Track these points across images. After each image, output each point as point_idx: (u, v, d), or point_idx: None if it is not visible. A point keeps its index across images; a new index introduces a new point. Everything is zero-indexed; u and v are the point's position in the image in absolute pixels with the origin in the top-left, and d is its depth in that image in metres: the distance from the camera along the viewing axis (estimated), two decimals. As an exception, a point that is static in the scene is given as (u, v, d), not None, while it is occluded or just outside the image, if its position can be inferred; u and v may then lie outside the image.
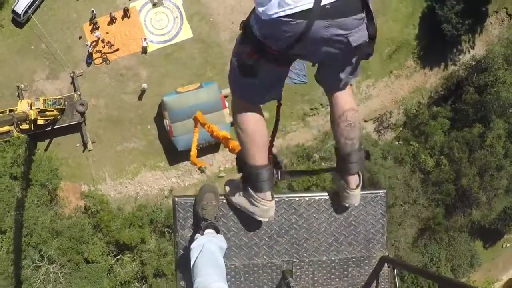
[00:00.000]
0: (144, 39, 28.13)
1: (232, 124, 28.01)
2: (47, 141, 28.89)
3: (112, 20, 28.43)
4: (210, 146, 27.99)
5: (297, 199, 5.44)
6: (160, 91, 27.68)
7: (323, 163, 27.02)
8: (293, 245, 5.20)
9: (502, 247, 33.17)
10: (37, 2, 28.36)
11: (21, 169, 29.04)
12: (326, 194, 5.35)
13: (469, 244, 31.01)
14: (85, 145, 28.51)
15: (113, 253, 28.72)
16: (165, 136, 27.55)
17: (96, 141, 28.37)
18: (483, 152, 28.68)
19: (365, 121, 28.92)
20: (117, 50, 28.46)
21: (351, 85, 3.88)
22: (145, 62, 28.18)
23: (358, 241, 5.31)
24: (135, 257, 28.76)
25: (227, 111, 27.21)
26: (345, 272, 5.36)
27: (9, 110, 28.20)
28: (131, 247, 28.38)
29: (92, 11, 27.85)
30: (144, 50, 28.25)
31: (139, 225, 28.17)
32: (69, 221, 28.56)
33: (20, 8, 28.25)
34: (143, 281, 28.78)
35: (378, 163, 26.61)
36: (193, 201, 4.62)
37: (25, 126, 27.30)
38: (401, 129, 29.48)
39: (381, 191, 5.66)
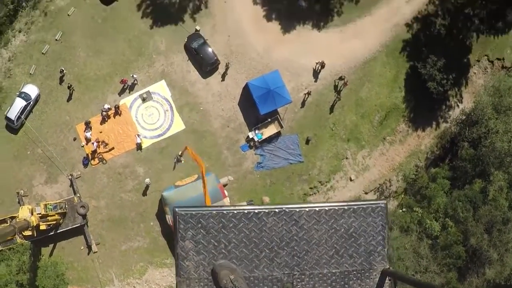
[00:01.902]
0: (138, 135, 28.48)
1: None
2: (51, 246, 28.72)
3: (104, 119, 28.85)
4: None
5: (297, 210, 5.38)
6: (158, 186, 27.80)
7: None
8: (293, 258, 5.13)
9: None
10: (28, 108, 28.79)
11: (27, 276, 28.68)
12: (327, 204, 5.30)
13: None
14: (89, 248, 28.36)
15: None
16: (168, 232, 27.45)
17: (100, 243, 28.23)
18: (487, 207, 28.50)
19: (366, 193, 28.95)
20: (112, 148, 28.73)
21: (346, 158, 3.86)
22: (141, 159, 28.42)
23: (359, 253, 5.19)
24: None
25: (227, 200, 27.24)
26: (346, 286, 5.19)
27: (10, 217, 28.18)
28: None
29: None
30: (139, 147, 28.54)
31: (152, 324, 27.68)
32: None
33: (13, 114, 28.63)
34: None
35: (384, 234, 26.37)
36: (196, 217, 4.48)
37: (28, 233, 27.13)
38: (402, 196, 29.47)
39: (381, 201, 5.58)
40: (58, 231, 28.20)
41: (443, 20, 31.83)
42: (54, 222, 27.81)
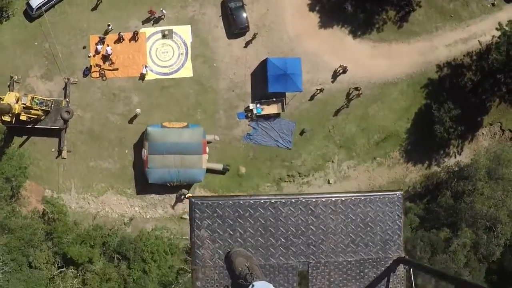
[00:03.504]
0: (145, 66, 28.31)
1: (207, 170, 28.09)
2: (24, 137, 28.68)
3: (119, 40, 28.63)
4: (180, 186, 27.93)
5: (313, 199, 5.50)
6: (146, 120, 27.72)
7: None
8: (309, 246, 5.31)
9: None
10: (52, 2, 28.56)
11: (-9, 158, 28.78)
12: (343, 195, 5.35)
13: None
14: (60, 152, 28.32)
15: (58, 264, 28.18)
16: (139, 165, 27.46)
17: (71, 151, 28.19)
18: (445, 256, 28.65)
19: (337, 201, 29.03)
20: (116, 69, 28.57)
21: (332, 161, 3.95)
22: (140, 89, 28.29)
23: (375, 242, 5.30)
24: (78, 274, 28.21)
25: (206, 156, 27.26)
26: (361, 273, 5.37)
27: (-5, 96, 28.12)
28: (77, 263, 27.88)
29: (109, 25, 27.96)
30: (142, 77, 28.40)
31: (91, 245, 27.74)
32: (24, 222, 28.06)
33: (35, 3, 28.40)
34: (80, 300, 28.21)
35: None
36: (212, 206, 4.57)
37: (6, 118, 27.08)
38: (370, 217, 29.56)
39: (398, 192, 5.66)
40: (36, 126, 28.16)
41: (473, 75, 31.68)
42: (36, 116, 27.75)
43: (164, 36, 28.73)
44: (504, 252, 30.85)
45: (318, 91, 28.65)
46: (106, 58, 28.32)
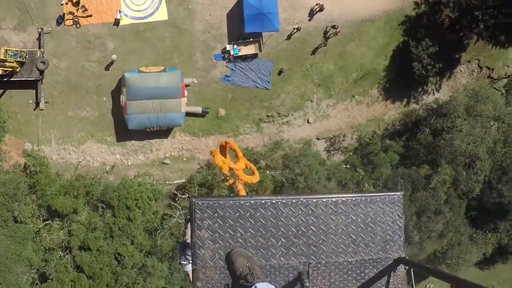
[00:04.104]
0: (119, 11, 27.85)
1: (187, 114, 28.04)
2: (0, 91, 28.31)
3: (91, -14, 28.11)
4: (160, 131, 27.91)
5: (314, 200, 5.43)
6: (123, 66, 27.44)
7: (268, 172, 27.15)
8: (310, 247, 5.21)
9: (425, 287, 33.88)
10: (20, -49, 27.88)
11: (-33, 114, 28.40)
12: (344, 195, 5.42)
13: (396, 278, 31.53)
14: (37, 104, 28.00)
15: (43, 217, 28.20)
16: (118, 112, 27.30)
17: (49, 102, 27.91)
18: (425, 193, 29.22)
19: (318, 139, 29.26)
20: (90, 16, 28.08)
21: (311, 100, 3.99)
22: (115, 34, 27.91)
23: (375, 242, 5.35)
24: (64, 226, 28.29)
25: (184, 100, 27.16)
26: (362, 274, 5.35)
27: (-34, 53, 27.58)
28: (62, 215, 27.93)
29: None
30: (117, 22, 27.96)
31: (74, 195, 27.73)
32: (6, 177, 27.92)
33: (2, -48, 27.73)
34: (67, 251, 28.32)
35: (321, 183, 26.89)
36: (213, 207, 4.64)
37: (-20, 73, 26.74)
38: (351, 153, 29.90)
39: (398, 193, 5.76)
40: (11, 79, 27.76)
41: (451, 12, 31.72)
42: (11, 69, 27.34)
43: (136, -20, 28.23)
44: (483, 188, 31.51)
45: (295, 30, 28.51)
46: (78, 4, 27.81)
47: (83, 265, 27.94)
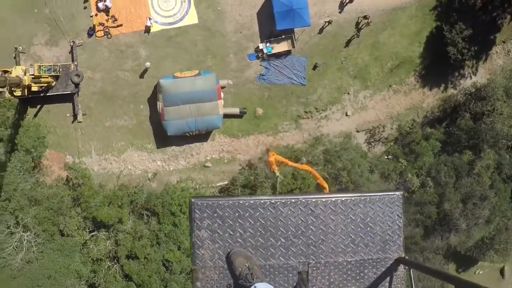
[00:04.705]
0: (149, 18, 27.82)
1: (225, 116, 27.93)
2: (37, 107, 28.53)
3: (119, -5, 28.09)
4: (200, 135, 27.85)
5: (313, 200, 5.37)
6: (157, 73, 27.42)
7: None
8: (309, 247, 5.16)
9: (475, 273, 33.37)
10: (46, -34, 27.97)
11: (8, 132, 28.65)
12: (343, 195, 5.33)
13: (442, 267, 31.10)
14: (75, 116, 28.20)
15: (88, 229, 28.45)
16: (156, 119, 27.33)
17: (86, 114, 28.07)
18: (469, 179, 28.67)
19: (357, 131, 28.86)
20: (120, 25, 28.12)
21: (348, 93, 3.83)
22: (147, 42, 27.88)
23: (375, 242, 5.27)
24: (110, 236, 28.50)
25: (221, 102, 27.03)
26: (361, 274, 5.31)
27: (2, 70, 27.84)
28: (107, 225, 28.15)
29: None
30: (147, 30, 27.94)
31: (119, 205, 27.90)
32: (49, 191, 28.21)
33: (28, -31, 27.85)
34: (115, 260, 28.55)
35: (364, 177, 26.55)
36: (212, 206, 4.53)
37: (18, 93, 26.89)
38: (391, 144, 29.43)
39: (398, 192, 5.65)
40: (48, 94, 27.97)
41: (482, -7, 30.93)
42: (46, 84, 27.54)
43: (164, -14, 28.12)
44: (528, 170, 30.76)
45: (327, 23, 28.11)
46: (108, 14, 27.83)
47: (131, 273, 28.14)
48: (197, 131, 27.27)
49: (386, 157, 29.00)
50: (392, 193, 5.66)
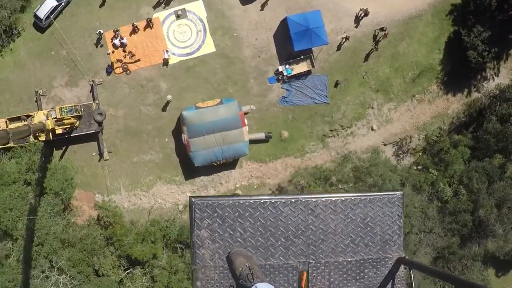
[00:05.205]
0: (166, 51, 27.87)
1: (250, 142, 27.82)
2: (63, 148, 28.66)
3: (134, 30, 28.18)
4: (227, 163, 27.74)
5: (313, 199, 5.35)
6: (179, 104, 27.42)
7: (340, 186, 26.65)
8: (309, 246, 5.15)
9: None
10: (59, 8, 28.17)
11: (36, 176, 28.69)
12: (343, 195, 5.28)
13: (481, 273, 30.62)
14: (101, 155, 28.28)
15: (124, 267, 28.32)
16: (182, 150, 27.28)
17: (112, 151, 28.14)
18: (502, 183, 28.25)
19: (385, 144, 28.59)
20: (138, 60, 28.20)
21: (372, 107, 3.72)
22: (166, 74, 27.92)
23: (375, 242, 5.21)
24: (146, 272, 28.37)
25: (246, 128, 26.92)
26: (361, 274, 5.27)
27: (25, 115, 28.02)
28: (142, 262, 28.02)
29: (99, 32, 27.39)
30: (166, 62, 27.99)
31: (152, 241, 27.76)
32: (82, 232, 28.16)
33: (42, 13, 28.04)
34: (153, 296, 28.43)
35: (397, 190, 26.18)
36: (212, 206, 4.45)
37: (42, 138, 27.05)
38: (420, 154, 29.12)
39: (398, 192, 5.58)
40: (72, 135, 28.06)
41: (496, -8, 30.55)
42: (70, 125, 27.63)
43: (178, 17, 28.16)
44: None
45: (344, 39, 27.94)
46: (125, 50, 27.91)
47: (171, 307, 27.99)
48: (224, 159, 27.17)
49: (415, 168, 28.67)
50: (392, 193, 5.63)
